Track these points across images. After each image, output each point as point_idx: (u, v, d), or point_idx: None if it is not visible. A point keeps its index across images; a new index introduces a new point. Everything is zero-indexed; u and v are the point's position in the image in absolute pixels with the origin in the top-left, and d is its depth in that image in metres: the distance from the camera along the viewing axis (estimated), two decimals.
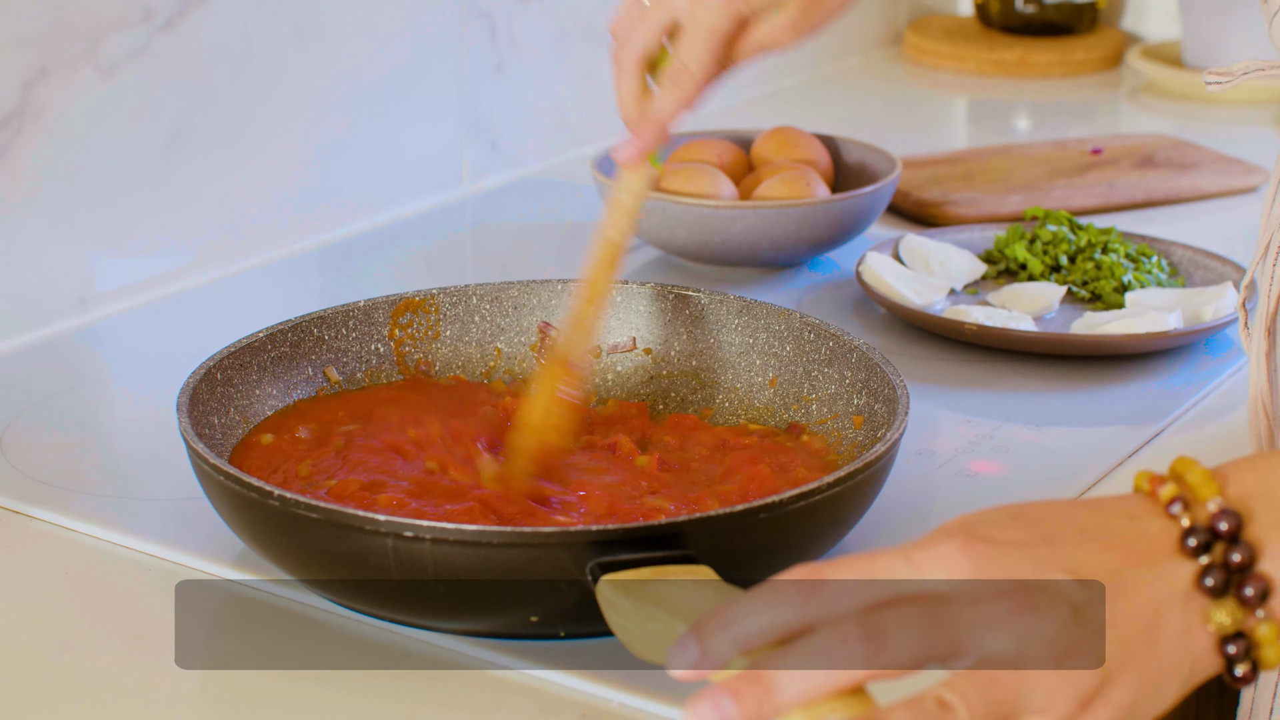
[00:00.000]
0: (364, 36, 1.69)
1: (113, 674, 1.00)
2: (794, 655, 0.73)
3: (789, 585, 0.74)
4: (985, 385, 1.37)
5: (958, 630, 0.73)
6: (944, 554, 0.75)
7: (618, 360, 1.28)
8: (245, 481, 1.00)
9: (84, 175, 1.46)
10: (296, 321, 1.22)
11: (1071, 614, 0.74)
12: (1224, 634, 0.76)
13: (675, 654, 0.76)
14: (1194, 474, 0.78)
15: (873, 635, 0.73)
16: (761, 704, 0.73)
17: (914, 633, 0.73)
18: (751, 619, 0.75)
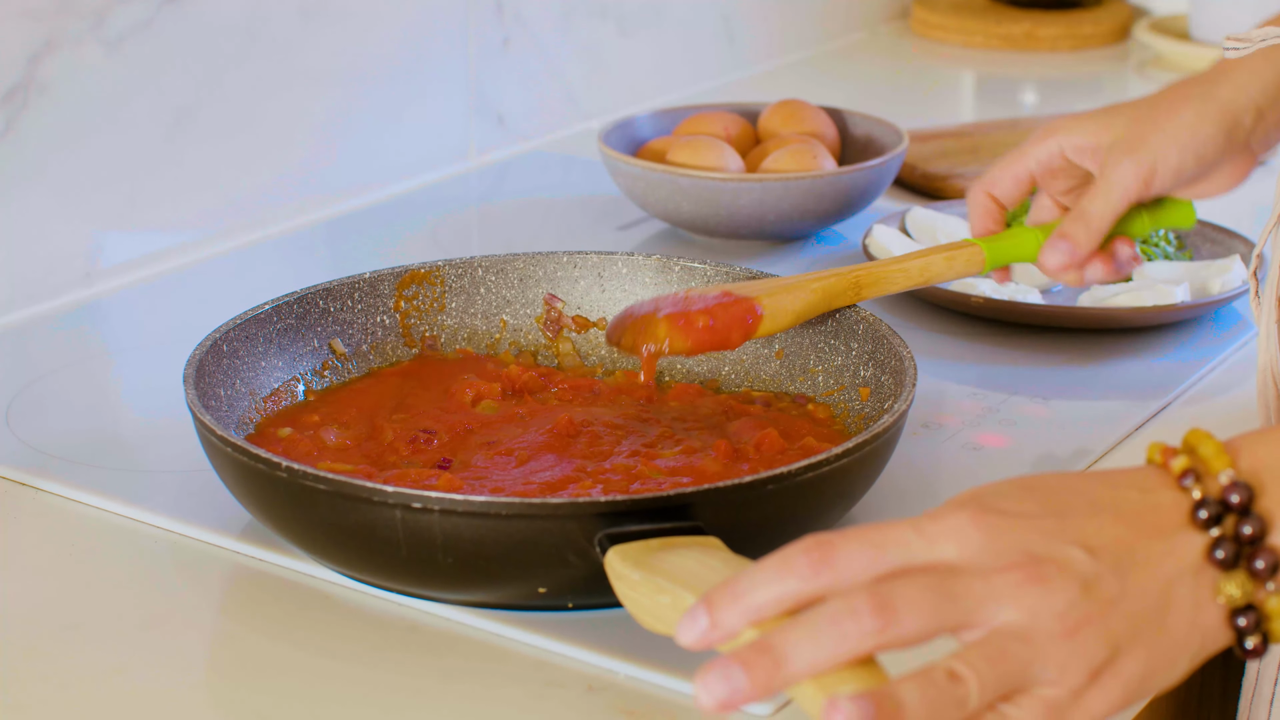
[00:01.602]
0: (370, 11, 1.68)
1: (119, 646, 1.00)
2: (804, 626, 0.73)
3: (799, 556, 0.74)
4: (992, 358, 1.36)
5: (967, 602, 0.73)
6: (954, 525, 0.75)
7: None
8: (252, 453, 1.00)
9: (89, 150, 1.46)
10: (302, 294, 1.22)
11: (1081, 587, 0.74)
12: (1234, 606, 0.76)
13: (684, 624, 0.76)
14: (1206, 446, 0.78)
15: (883, 606, 0.72)
16: (771, 675, 0.73)
17: (924, 604, 0.73)
18: (762, 590, 0.75)
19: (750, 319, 1.17)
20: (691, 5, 2.10)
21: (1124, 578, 0.75)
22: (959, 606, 0.73)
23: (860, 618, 0.72)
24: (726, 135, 1.64)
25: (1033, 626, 0.73)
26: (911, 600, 0.73)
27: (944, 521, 0.75)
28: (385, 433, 1.15)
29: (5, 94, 1.39)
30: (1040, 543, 0.75)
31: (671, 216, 1.57)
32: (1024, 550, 0.74)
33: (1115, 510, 0.77)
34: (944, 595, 0.73)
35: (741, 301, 1.17)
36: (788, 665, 0.72)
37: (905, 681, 0.72)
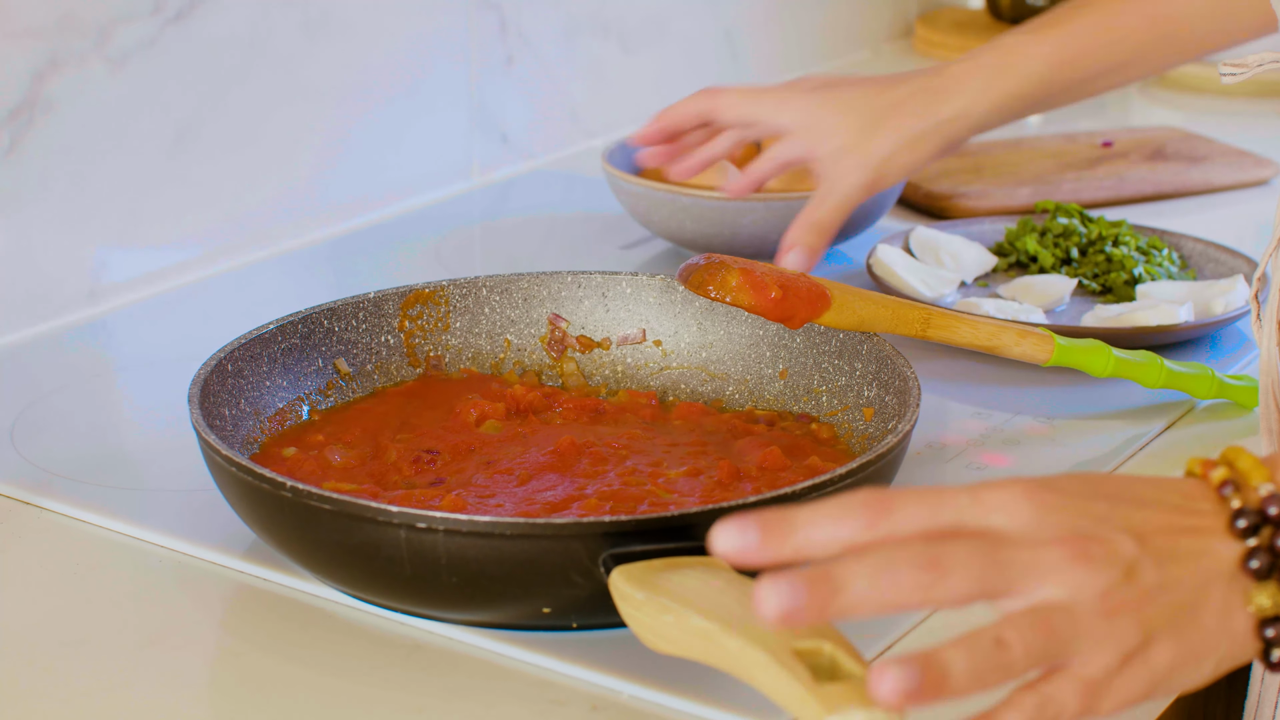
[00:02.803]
0: (373, 29, 1.68)
1: (122, 664, 1.00)
2: (863, 564, 0.72)
3: (858, 505, 0.74)
4: (995, 379, 1.36)
5: (1013, 571, 0.74)
6: (1008, 496, 0.75)
7: (628, 352, 1.28)
8: (257, 473, 1.00)
9: (93, 167, 1.46)
10: (307, 313, 1.22)
11: (1124, 571, 0.75)
12: (1264, 616, 0.77)
13: (729, 532, 0.73)
14: (1244, 460, 0.79)
15: (934, 563, 0.73)
16: (826, 602, 0.72)
17: (972, 566, 0.73)
18: (816, 529, 0.74)
19: (820, 302, 1.18)
20: (694, 23, 2.10)
21: (1164, 569, 0.75)
22: (1005, 574, 0.74)
23: (914, 570, 0.72)
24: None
25: (1075, 602, 0.74)
26: (960, 561, 0.73)
27: (999, 491, 0.76)
28: (389, 452, 1.15)
29: (9, 112, 1.39)
30: (1089, 523, 0.76)
31: (675, 236, 1.57)
32: (1072, 528, 0.75)
33: (1160, 505, 0.77)
34: (991, 561, 0.74)
35: (815, 285, 1.19)
36: (841, 597, 0.72)
37: (951, 646, 0.72)
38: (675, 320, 1.28)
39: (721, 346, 1.27)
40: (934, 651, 0.72)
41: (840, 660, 0.82)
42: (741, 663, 0.84)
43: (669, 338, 1.28)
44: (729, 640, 0.85)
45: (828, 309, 1.20)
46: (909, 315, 1.23)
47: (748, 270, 1.19)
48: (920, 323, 1.24)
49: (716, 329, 1.27)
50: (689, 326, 1.28)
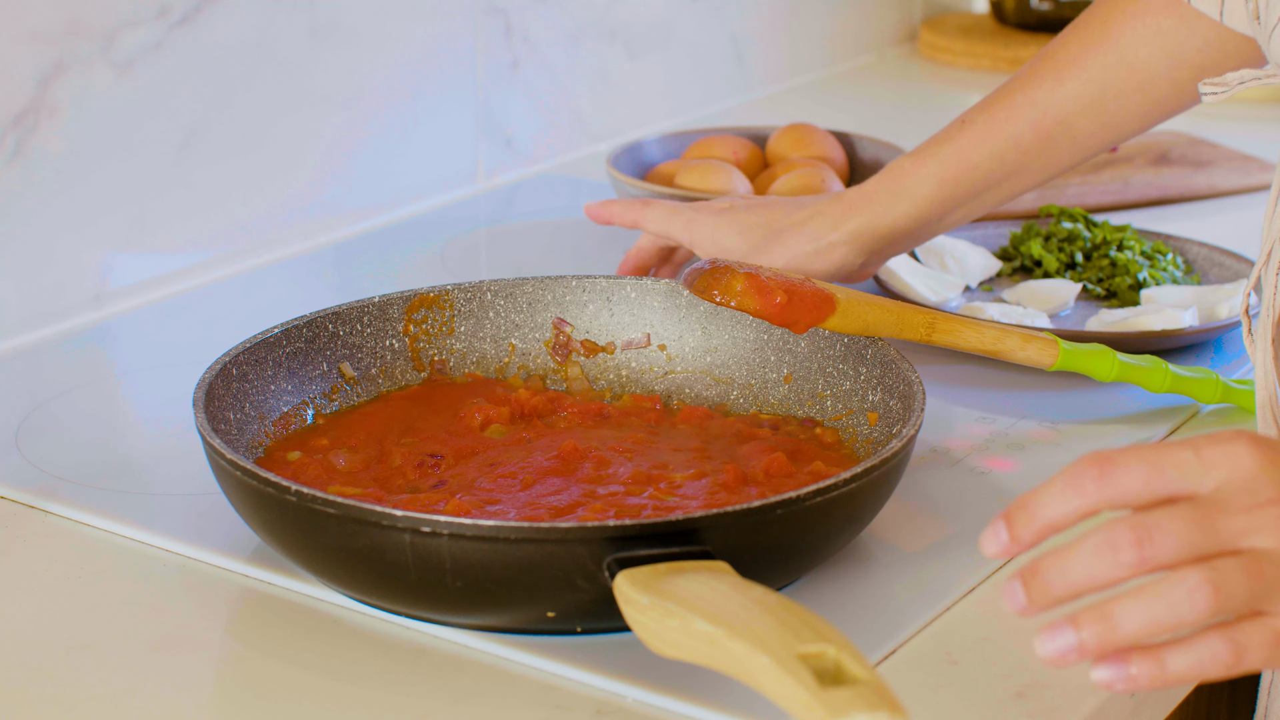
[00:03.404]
0: (379, 33, 1.69)
1: (127, 670, 1.00)
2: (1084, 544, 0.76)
3: (1086, 472, 0.77)
4: (1000, 383, 1.36)
5: (1228, 535, 0.76)
6: (1232, 450, 0.77)
7: (632, 356, 1.28)
8: (262, 477, 1.00)
9: (99, 172, 1.46)
10: (311, 317, 1.22)
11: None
12: None
13: (988, 538, 0.78)
14: None
15: (1144, 539, 0.75)
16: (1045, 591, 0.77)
17: (1184, 536, 0.75)
18: (1053, 507, 0.77)
19: (825, 307, 1.19)
20: (700, 28, 2.10)
21: None
22: (1218, 540, 0.76)
23: (1120, 551, 0.76)
24: (735, 159, 1.64)
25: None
26: (1175, 531, 0.75)
27: (1222, 446, 0.77)
28: (394, 456, 1.15)
29: (15, 116, 1.39)
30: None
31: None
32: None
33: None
34: (1208, 528, 0.76)
35: (820, 290, 1.19)
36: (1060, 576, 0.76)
37: (1156, 586, 0.75)
38: (680, 325, 1.28)
39: (726, 351, 1.27)
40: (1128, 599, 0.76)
41: (845, 664, 0.82)
42: (746, 667, 0.84)
43: (673, 342, 1.28)
44: (733, 644, 0.85)
45: (832, 314, 1.20)
46: (913, 320, 1.23)
47: (753, 275, 1.19)
48: (925, 327, 1.24)
49: (721, 333, 1.27)
50: (694, 331, 1.28)
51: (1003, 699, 0.97)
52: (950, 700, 0.97)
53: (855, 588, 1.08)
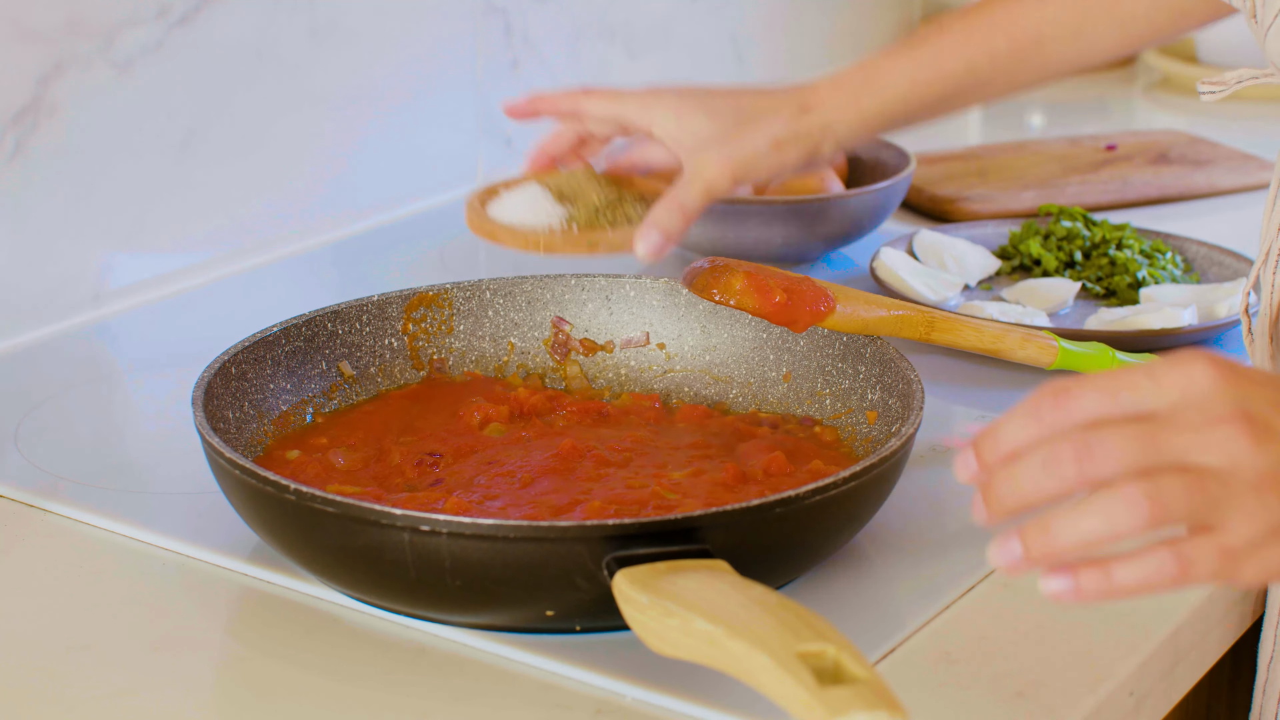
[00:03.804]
0: (379, 33, 1.69)
1: (127, 669, 1.00)
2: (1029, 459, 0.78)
3: (1045, 401, 0.79)
4: (999, 382, 1.36)
5: (1173, 453, 0.77)
6: (1188, 370, 0.78)
7: (632, 355, 1.28)
8: (261, 476, 1.00)
9: (98, 171, 1.46)
10: (311, 316, 1.22)
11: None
12: None
13: (959, 465, 0.81)
14: None
15: (1085, 453, 0.77)
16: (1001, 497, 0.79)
17: (1125, 451, 0.77)
18: (1015, 434, 0.79)
19: (823, 307, 1.19)
20: (700, 28, 2.10)
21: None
22: (1167, 454, 0.77)
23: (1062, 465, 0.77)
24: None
25: (1232, 474, 0.76)
26: (1118, 445, 0.77)
27: (1179, 368, 0.79)
28: (393, 455, 1.15)
29: (15, 115, 1.39)
30: (1262, 406, 0.78)
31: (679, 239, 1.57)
32: (1244, 407, 0.77)
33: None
34: (1152, 442, 0.77)
35: (819, 290, 1.19)
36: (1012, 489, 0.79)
37: (1097, 500, 0.77)
38: (679, 323, 1.28)
39: (725, 350, 1.27)
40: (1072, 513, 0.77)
41: (844, 663, 0.82)
42: (745, 666, 0.84)
43: (673, 341, 1.28)
44: (733, 644, 0.85)
45: (831, 312, 1.20)
46: (912, 319, 1.23)
47: (752, 274, 1.19)
48: (924, 326, 1.24)
49: (720, 332, 1.27)
50: (693, 330, 1.28)
51: (1002, 698, 0.97)
52: (950, 699, 0.97)
53: (854, 586, 1.08)
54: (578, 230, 1.29)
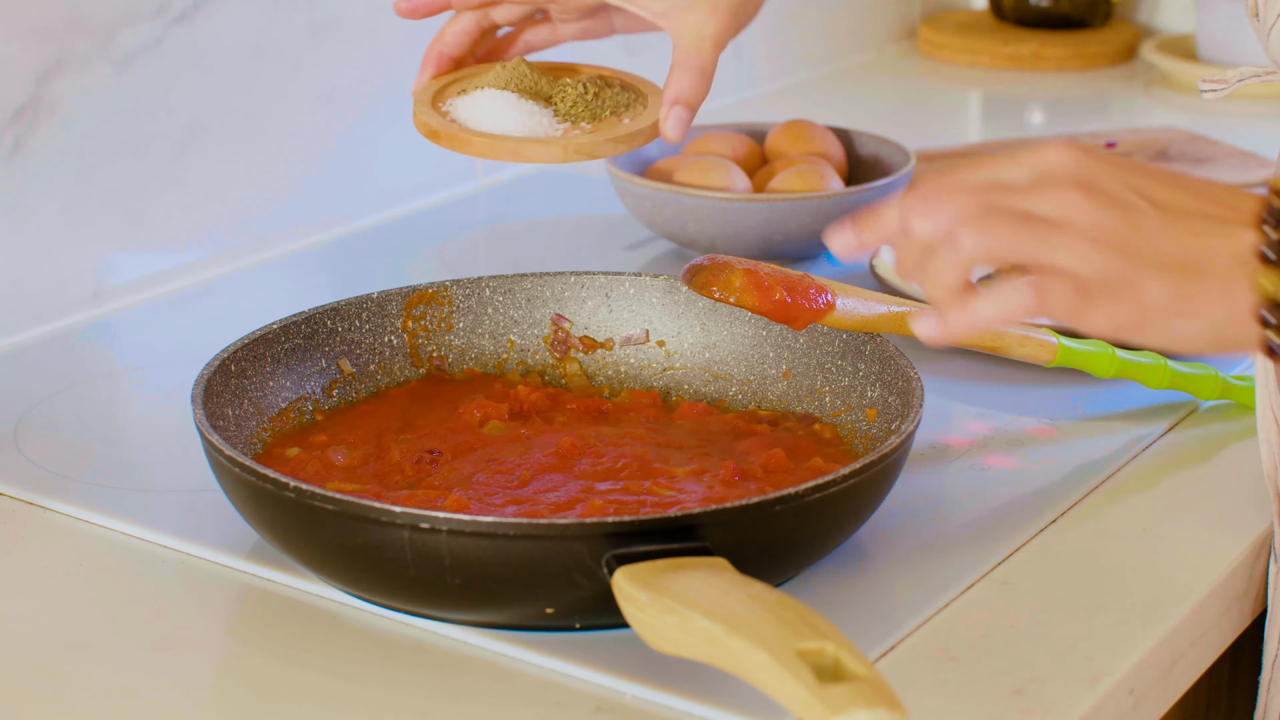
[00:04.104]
0: (378, 30, 1.68)
1: (126, 667, 1.00)
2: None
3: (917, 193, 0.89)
4: (999, 379, 1.36)
5: (1014, 198, 0.86)
6: (1045, 149, 0.87)
7: (631, 353, 1.28)
8: (260, 473, 1.00)
9: (98, 169, 1.46)
10: (310, 313, 1.22)
11: (1126, 219, 0.85)
12: (1267, 299, 0.84)
13: (835, 235, 0.93)
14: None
15: (924, 207, 0.87)
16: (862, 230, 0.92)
17: (961, 205, 0.86)
18: (890, 219, 0.90)
19: (823, 304, 1.19)
20: None
21: (1171, 231, 0.85)
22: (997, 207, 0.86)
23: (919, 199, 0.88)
24: (734, 155, 1.64)
25: (1065, 223, 0.85)
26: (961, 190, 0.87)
27: (1039, 149, 0.87)
28: (392, 453, 1.15)
29: (14, 113, 1.39)
30: (1110, 182, 0.86)
31: (679, 236, 1.57)
32: (1087, 177, 0.86)
33: (1200, 192, 0.87)
34: (986, 202, 0.86)
35: (819, 287, 1.19)
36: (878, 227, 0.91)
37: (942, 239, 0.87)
38: (679, 321, 1.28)
39: (725, 347, 1.27)
40: None
41: (844, 661, 0.82)
42: (745, 664, 0.84)
43: (672, 338, 1.28)
44: (733, 641, 0.85)
45: (831, 310, 1.20)
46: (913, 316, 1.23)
47: (752, 271, 1.19)
48: None
49: (720, 330, 1.27)
50: (692, 327, 1.28)
51: (1002, 696, 0.97)
52: (949, 697, 0.97)
53: (854, 584, 1.08)
54: (587, 128, 1.24)
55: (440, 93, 1.27)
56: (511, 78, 1.25)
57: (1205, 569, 1.10)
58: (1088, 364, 1.29)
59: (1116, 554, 1.12)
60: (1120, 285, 0.84)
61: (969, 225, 0.86)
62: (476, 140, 1.22)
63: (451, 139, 1.22)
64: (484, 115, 1.23)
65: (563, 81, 1.25)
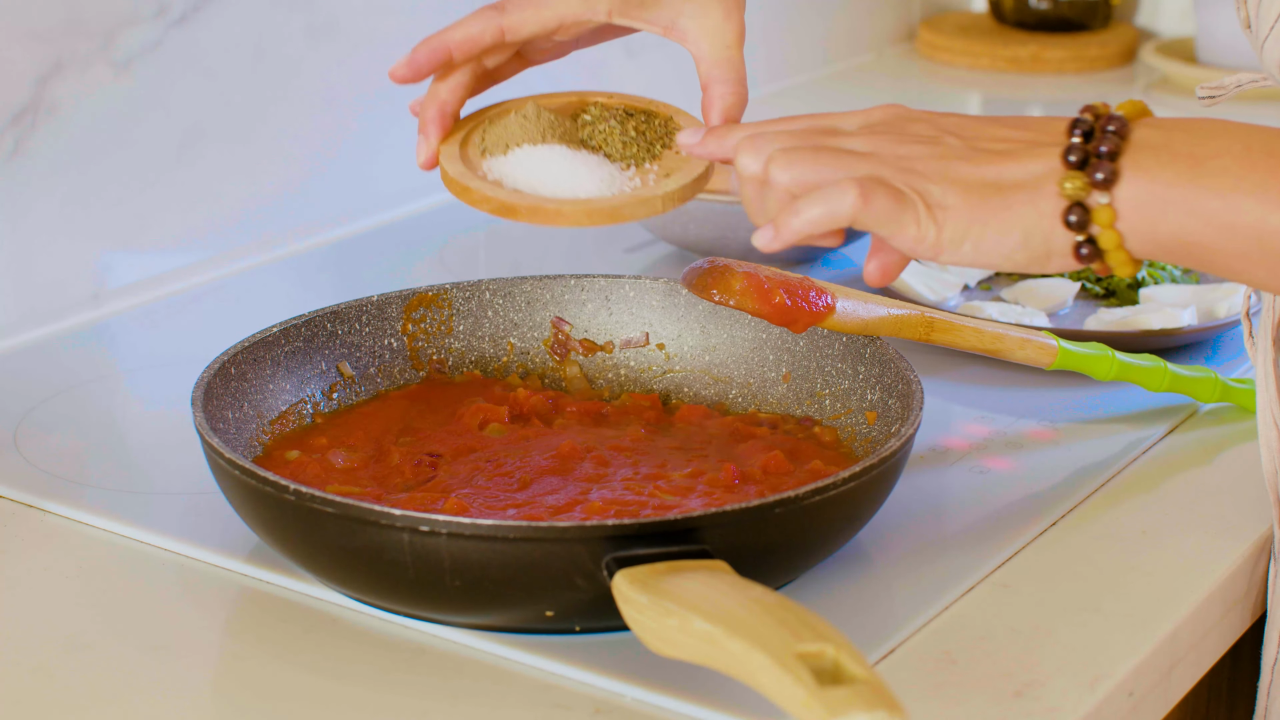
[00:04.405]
0: (377, 31, 1.69)
1: (126, 669, 1.00)
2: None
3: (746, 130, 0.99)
4: (998, 381, 1.36)
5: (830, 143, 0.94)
6: (874, 109, 0.96)
7: (631, 355, 1.28)
8: (260, 476, 1.00)
9: (97, 171, 1.46)
10: (310, 316, 1.22)
11: (932, 148, 0.92)
12: (1071, 200, 0.89)
13: (688, 135, 1.04)
14: (1132, 105, 0.93)
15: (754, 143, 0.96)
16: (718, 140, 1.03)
17: (785, 140, 0.95)
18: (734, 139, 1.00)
19: (823, 307, 1.19)
20: None
21: (980, 153, 0.91)
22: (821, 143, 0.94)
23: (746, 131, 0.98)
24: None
25: (873, 154, 0.92)
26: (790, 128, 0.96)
27: (871, 109, 0.96)
28: (392, 456, 1.15)
29: (14, 115, 1.39)
30: (923, 126, 0.94)
31: (679, 239, 1.57)
32: (906, 123, 0.94)
33: (1015, 126, 0.93)
34: (805, 137, 0.95)
35: (819, 290, 1.19)
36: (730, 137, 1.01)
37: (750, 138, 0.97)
38: (678, 323, 1.28)
39: (724, 350, 1.27)
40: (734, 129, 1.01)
41: (843, 663, 0.82)
42: (745, 666, 0.84)
43: (672, 341, 1.28)
44: (732, 643, 0.85)
45: (831, 313, 1.20)
46: (912, 319, 1.23)
47: (751, 274, 1.19)
48: (923, 326, 1.24)
49: (720, 332, 1.27)
50: (692, 330, 1.28)
51: (1001, 698, 0.97)
52: (949, 699, 0.97)
53: (854, 587, 1.08)
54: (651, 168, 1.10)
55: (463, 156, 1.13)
56: (543, 128, 1.14)
57: (1205, 572, 1.10)
58: (1087, 367, 1.29)
59: (1116, 556, 1.12)
60: (933, 203, 0.91)
61: (778, 159, 0.93)
62: (568, 210, 1.06)
63: (535, 212, 1.06)
64: (546, 177, 1.09)
65: (587, 120, 1.16)
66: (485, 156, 1.12)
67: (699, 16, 1.14)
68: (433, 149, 1.13)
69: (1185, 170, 0.88)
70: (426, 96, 1.16)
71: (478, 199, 1.08)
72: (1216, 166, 0.88)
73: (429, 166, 1.12)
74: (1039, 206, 0.90)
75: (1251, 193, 0.87)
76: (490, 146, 1.12)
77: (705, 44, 1.14)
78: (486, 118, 1.15)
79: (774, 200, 0.94)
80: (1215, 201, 0.88)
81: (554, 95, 1.19)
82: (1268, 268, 0.88)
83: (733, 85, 1.12)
